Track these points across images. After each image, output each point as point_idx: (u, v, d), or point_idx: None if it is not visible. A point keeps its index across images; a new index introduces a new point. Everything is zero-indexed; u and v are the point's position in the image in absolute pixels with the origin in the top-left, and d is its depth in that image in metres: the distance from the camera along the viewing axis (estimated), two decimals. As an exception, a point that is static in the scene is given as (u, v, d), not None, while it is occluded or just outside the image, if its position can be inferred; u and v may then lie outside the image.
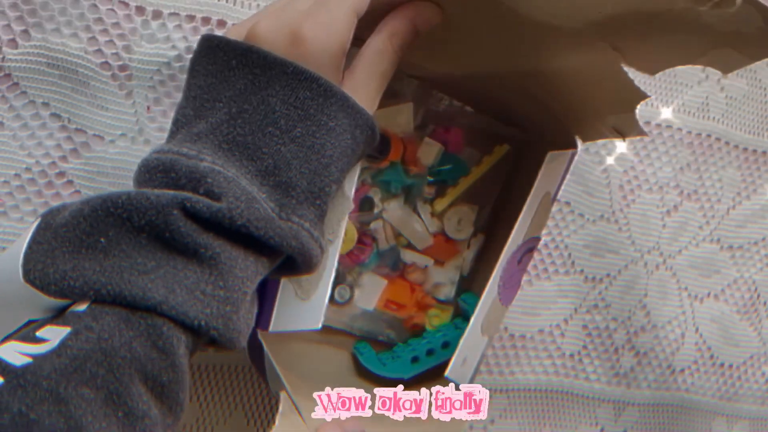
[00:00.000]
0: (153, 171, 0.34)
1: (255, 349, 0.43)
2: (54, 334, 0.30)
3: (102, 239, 0.32)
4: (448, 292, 0.54)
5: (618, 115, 0.46)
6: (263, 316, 0.41)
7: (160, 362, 0.31)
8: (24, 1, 0.44)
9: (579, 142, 0.49)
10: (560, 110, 0.47)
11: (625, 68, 0.42)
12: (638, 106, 0.44)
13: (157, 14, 0.47)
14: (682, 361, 0.66)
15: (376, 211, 0.51)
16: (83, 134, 0.47)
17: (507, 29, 0.40)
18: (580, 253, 0.61)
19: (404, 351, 0.52)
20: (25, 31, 0.45)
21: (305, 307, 0.41)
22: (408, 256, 0.52)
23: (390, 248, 0.52)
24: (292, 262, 0.37)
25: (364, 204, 0.50)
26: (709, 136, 0.65)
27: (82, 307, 0.31)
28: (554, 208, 0.60)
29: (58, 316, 0.32)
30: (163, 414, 0.32)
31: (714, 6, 0.36)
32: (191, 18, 0.47)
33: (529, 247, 0.49)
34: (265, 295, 0.41)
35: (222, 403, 0.53)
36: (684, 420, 0.67)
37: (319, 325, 0.41)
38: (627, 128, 0.46)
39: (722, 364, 0.67)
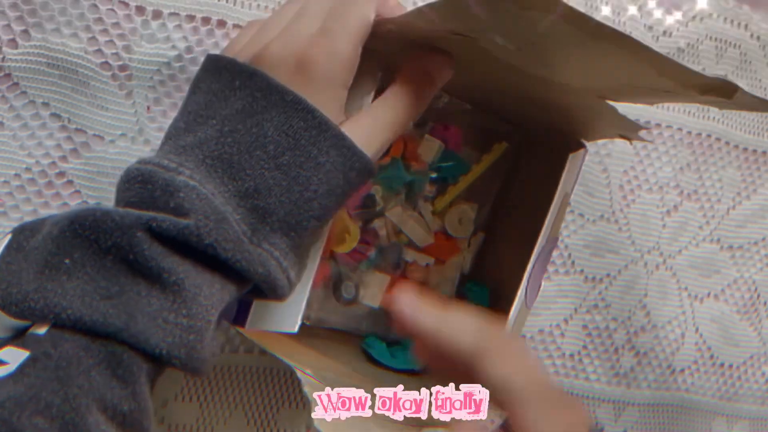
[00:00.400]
0: (132, 182, 0.34)
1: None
2: (13, 357, 0.30)
3: (67, 260, 0.31)
4: (449, 290, 0.54)
5: (620, 130, 0.47)
6: (240, 313, 0.40)
7: (120, 391, 0.31)
8: (24, 1, 0.44)
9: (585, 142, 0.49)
10: (561, 117, 0.48)
11: None
12: (637, 104, 0.45)
13: (157, 14, 0.47)
14: (682, 361, 0.66)
15: (377, 208, 0.51)
16: (83, 134, 0.47)
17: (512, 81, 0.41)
18: (580, 253, 0.61)
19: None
20: (25, 31, 0.45)
21: (283, 309, 0.40)
22: (409, 254, 0.52)
23: (391, 245, 0.52)
24: (259, 289, 0.36)
25: (366, 201, 0.50)
26: (709, 136, 0.65)
27: (42, 330, 0.31)
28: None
29: (19, 336, 0.31)
30: None
31: (713, 95, 0.36)
32: (191, 18, 0.47)
33: (550, 248, 0.49)
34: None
35: (222, 403, 0.53)
36: (684, 420, 0.67)
37: (296, 329, 0.40)
38: (631, 135, 0.46)
39: (722, 364, 0.67)
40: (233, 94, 0.35)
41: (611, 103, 0.42)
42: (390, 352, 0.51)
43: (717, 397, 0.67)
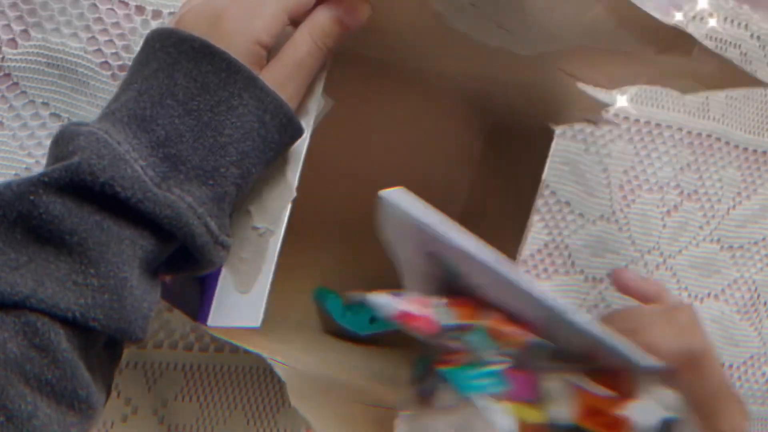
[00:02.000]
0: (51, 146, 0.34)
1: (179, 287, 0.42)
2: None
3: None
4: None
5: (585, 112, 0.47)
6: (203, 309, 0.39)
7: (40, 360, 0.30)
8: (24, 0, 0.44)
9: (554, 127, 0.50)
10: (527, 100, 0.48)
11: None
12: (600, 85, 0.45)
13: (156, 14, 0.47)
14: (682, 361, 0.66)
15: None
16: (83, 134, 0.47)
17: (455, 45, 0.40)
18: (580, 253, 0.61)
19: (365, 310, 0.52)
20: (25, 31, 0.45)
21: (245, 302, 0.40)
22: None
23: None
24: (188, 253, 0.35)
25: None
26: (709, 136, 0.65)
27: None
28: (554, 208, 0.60)
29: None
30: (61, 413, 0.31)
31: (671, 54, 0.36)
32: (191, 18, 0.48)
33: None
34: (205, 286, 0.39)
35: (222, 403, 0.53)
36: (684, 420, 0.67)
37: (259, 323, 0.40)
38: (597, 120, 0.47)
39: (722, 364, 0.67)
40: (152, 56, 0.36)
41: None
42: (343, 309, 0.52)
43: (717, 397, 0.67)
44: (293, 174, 0.39)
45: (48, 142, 0.46)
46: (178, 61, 0.35)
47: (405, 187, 0.53)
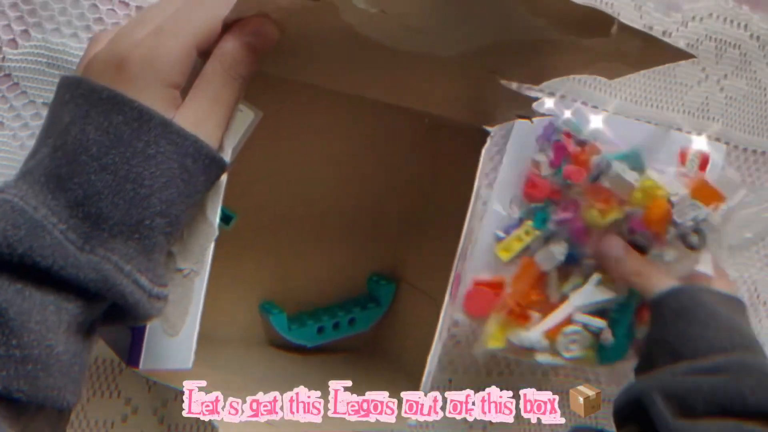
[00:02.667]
0: None
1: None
2: None
3: None
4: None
5: (516, 109, 0.46)
6: (133, 354, 0.39)
7: None
8: (24, 1, 0.44)
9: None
10: (458, 105, 0.47)
11: None
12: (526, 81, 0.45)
13: (157, 14, 0.47)
14: (682, 361, 0.65)
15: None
16: (83, 134, 0.47)
17: (374, 56, 0.39)
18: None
19: (312, 321, 0.53)
20: (26, 31, 0.45)
21: (175, 344, 0.39)
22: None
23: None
24: (118, 308, 0.34)
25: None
26: (709, 136, 0.65)
27: None
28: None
29: None
30: None
31: (592, 35, 0.35)
32: (191, 18, 0.47)
33: (468, 243, 0.49)
34: (135, 330, 0.39)
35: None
36: (684, 420, 0.67)
37: (190, 365, 0.39)
38: (530, 114, 0.46)
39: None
40: (63, 108, 0.34)
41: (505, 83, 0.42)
42: (289, 322, 0.52)
43: (717, 397, 0.67)
44: (213, 212, 0.38)
45: (48, 142, 0.46)
46: (89, 114, 0.33)
47: (343, 192, 0.53)
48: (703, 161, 0.59)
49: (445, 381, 0.60)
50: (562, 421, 0.43)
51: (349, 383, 0.40)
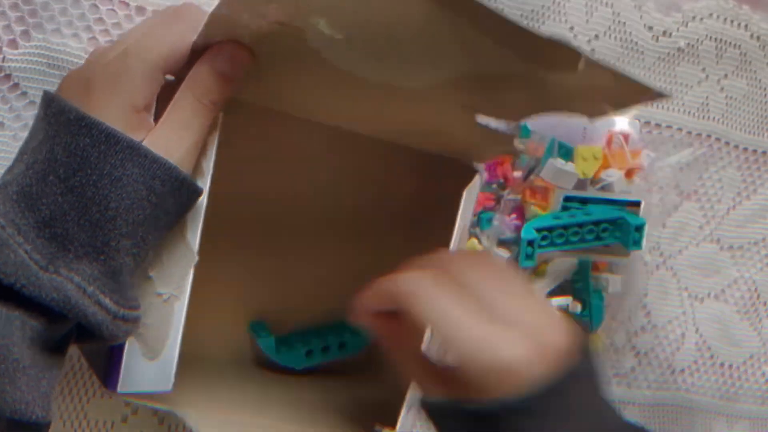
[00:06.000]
0: None
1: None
2: None
3: None
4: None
5: (500, 146, 0.45)
6: (111, 376, 0.38)
7: None
8: (25, 1, 0.44)
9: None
10: (439, 141, 0.46)
11: None
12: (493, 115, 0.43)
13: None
14: (682, 361, 0.66)
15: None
16: (84, 134, 0.47)
17: (345, 86, 0.38)
18: (581, 253, 0.61)
19: (301, 344, 0.53)
20: (26, 32, 0.45)
21: (154, 367, 0.39)
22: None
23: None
24: (85, 328, 0.34)
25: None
26: (709, 136, 0.65)
27: None
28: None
29: None
30: None
31: (559, 70, 0.34)
32: (191, 18, 0.48)
33: None
34: (113, 352, 0.39)
35: (222, 403, 0.53)
36: (684, 420, 0.67)
37: (170, 387, 0.39)
38: (512, 150, 0.45)
39: (722, 364, 0.67)
40: (38, 125, 0.35)
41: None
42: (277, 344, 0.52)
43: (717, 397, 0.67)
44: (194, 236, 0.38)
45: (49, 143, 0.46)
46: (58, 134, 0.34)
47: (335, 212, 0.51)
48: (625, 139, 0.59)
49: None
50: None
51: None
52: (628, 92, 0.36)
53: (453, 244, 0.45)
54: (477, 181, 0.46)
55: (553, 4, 0.57)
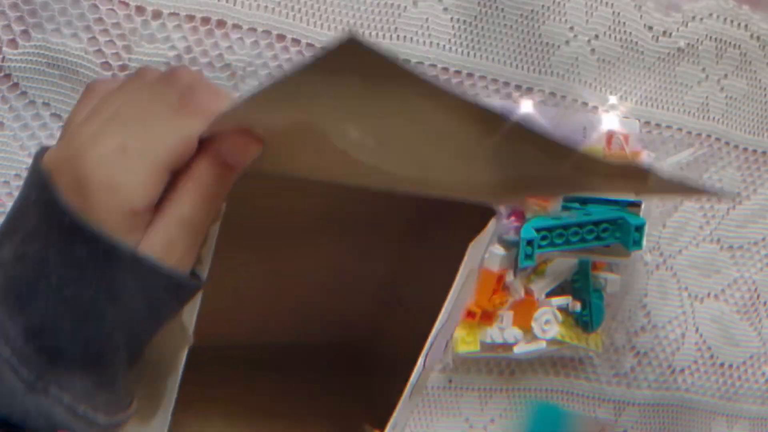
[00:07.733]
0: None
1: None
2: None
3: None
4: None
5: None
6: None
7: None
8: (24, 1, 0.44)
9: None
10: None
11: None
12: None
13: (156, 14, 0.47)
14: (682, 361, 0.66)
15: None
16: (83, 134, 0.47)
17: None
18: (580, 253, 0.61)
19: None
20: (26, 32, 0.45)
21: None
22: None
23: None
24: None
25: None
26: (709, 136, 0.65)
27: None
28: (554, 208, 0.60)
29: None
30: None
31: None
32: (191, 18, 0.48)
33: (457, 314, 0.47)
34: None
35: (222, 403, 0.53)
36: (684, 420, 0.67)
37: None
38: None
39: (722, 364, 0.67)
40: (30, 208, 0.31)
41: None
42: None
43: (717, 397, 0.67)
44: (190, 319, 0.35)
45: (49, 143, 0.46)
46: (51, 233, 0.30)
47: (314, 274, 0.48)
48: (626, 140, 0.59)
49: (445, 382, 0.60)
50: None
51: None
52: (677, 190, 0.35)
53: (450, 297, 0.42)
54: (493, 223, 0.42)
55: (553, 4, 0.57)
